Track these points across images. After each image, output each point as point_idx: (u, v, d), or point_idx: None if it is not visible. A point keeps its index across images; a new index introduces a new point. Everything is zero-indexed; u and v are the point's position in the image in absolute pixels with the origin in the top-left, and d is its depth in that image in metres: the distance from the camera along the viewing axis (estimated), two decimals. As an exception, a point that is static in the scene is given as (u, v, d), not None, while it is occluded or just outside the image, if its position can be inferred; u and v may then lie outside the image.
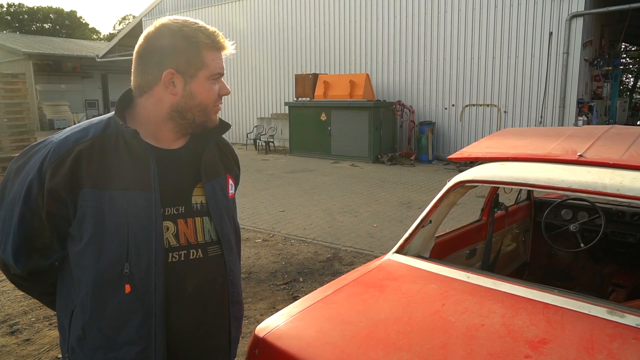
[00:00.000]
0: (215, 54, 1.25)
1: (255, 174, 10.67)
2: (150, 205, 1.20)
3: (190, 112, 1.26)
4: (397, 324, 1.62)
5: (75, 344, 1.25)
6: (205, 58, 1.23)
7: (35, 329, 3.52)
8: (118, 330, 1.21)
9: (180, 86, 1.23)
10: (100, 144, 1.20)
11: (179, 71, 1.21)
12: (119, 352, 1.21)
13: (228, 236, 1.38)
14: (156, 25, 1.22)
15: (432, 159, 12.51)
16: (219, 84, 1.28)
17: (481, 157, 2.51)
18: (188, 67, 1.21)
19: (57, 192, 1.16)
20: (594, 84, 13.13)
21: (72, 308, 1.25)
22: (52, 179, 1.15)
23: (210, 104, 1.28)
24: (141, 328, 1.20)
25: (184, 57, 1.21)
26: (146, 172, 1.21)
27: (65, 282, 1.27)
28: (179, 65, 1.21)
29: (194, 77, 1.23)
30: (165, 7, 19.45)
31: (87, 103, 26.92)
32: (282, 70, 16.08)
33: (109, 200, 1.18)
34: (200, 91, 1.25)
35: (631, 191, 1.75)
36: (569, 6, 10.84)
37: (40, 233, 1.21)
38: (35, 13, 43.46)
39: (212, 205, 1.33)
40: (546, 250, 3.71)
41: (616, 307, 1.61)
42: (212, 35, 1.24)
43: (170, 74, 1.21)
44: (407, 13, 13.16)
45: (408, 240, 2.23)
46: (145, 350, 1.21)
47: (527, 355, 1.40)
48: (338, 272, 4.64)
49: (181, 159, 1.31)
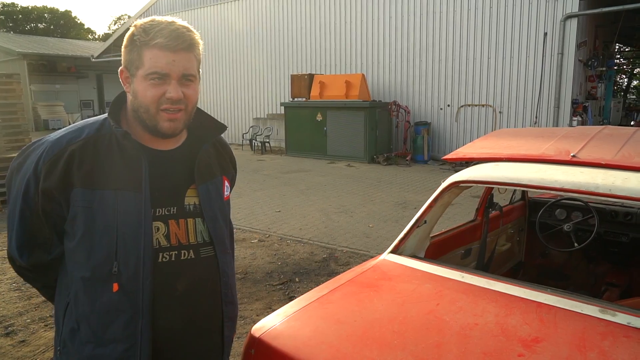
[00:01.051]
0: (154, 53, 1.17)
1: (251, 174, 10.67)
2: (139, 205, 1.22)
3: (139, 112, 1.24)
4: (392, 323, 1.64)
5: (67, 337, 1.27)
6: (144, 57, 1.19)
7: (31, 330, 3.51)
8: (105, 327, 1.23)
9: (130, 84, 1.24)
10: (94, 144, 1.22)
11: (128, 69, 1.23)
12: (106, 349, 1.23)
13: (222, 238, 1.39)
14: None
15: (427, 159, 12.54)
16: (166, 86, 1.20)
17: (476, 158, 2.52)
18: (131, 65, 1.22)
19: (51, 192, 1.19)
20: (589, 84, 13.20)
21: (67, 301, 1.27)
22: (46, 179, 1.18)
23: (150, 105, 1.21)
24: (128, 326, 1.22)
25: (129, 55, 1.22)
26: (138, 172, 1.23)
27: (63, 276, 1.30)
28: (127, 64, 1.23)
29: (134, 76, 1.22)
30: (160, 7, 19.41)
31: (82, 103, 26.81)
32: (278, 71, 16.07)
33: (99, 199, 1.20)
34: (139, 90, 1.22)
35: (623, 191, 1.77)
36: (564, 7, 10.90)
37: (39, 229, 1.24)
38: (30, 13, 43.23)
39: (206, 207, 1.34)
40: (540, 249, 3.74)
41: (608, 306, 1.63)
42: (155, 34, 1.17)
43: (122, 72, 1.24)
44: (402, 14, 13.19)
45: (403, 241, 2.25)
46: (131, 349, 1.23)
47: (520, 354, 1.42)
48: (334, 272, 4.65)
49: (175, 160, 1.32)
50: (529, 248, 3.79)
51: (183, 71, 1.21)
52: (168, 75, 1.19)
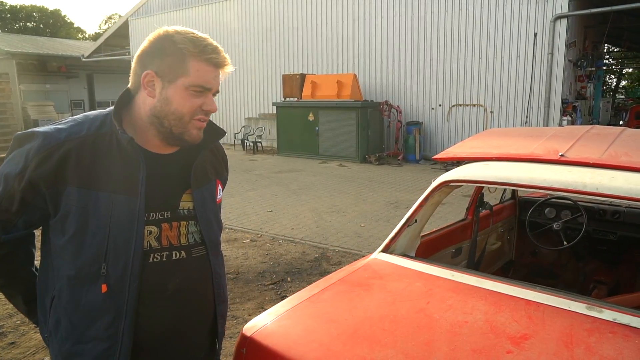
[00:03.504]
0: (202, 66, 1.21)
1: (243, 174, 10.65)
2: (134, 210, 1.21)
3: (166, 119, 1.23)
4: (383, 321, 1.65)
5: (52, 329, 1.28)
6: (189, 67, 1.20)
7: (21, 332, 3.49)
8: (87, 325, 1.23)
9: (158, 89, 1.22)
10: (92, 142, 1.20)
11: (159, 74, 1.21)
12: (86, 346, 1.23)
13: (215, 242, 1.41)
14: (159, 31, 1.23)
15: (419, 159, 12.59)
16: (204, 98, 1.24)
17: (466, 157, 2.54)
18: (169, 71, 1.20)
19: (37, 184, 1.17)
20: (578, 84, 13.34)
21: (53, 294, 1.27)
22: (36, 169, 1.16)
23: (186, 114, 1.23)
24: (110, 326, 1.22)
25: (166, 61, 1.20)
26: (135, 176, 1.22)
27: (48, 269, 1.29)
28: (160, 67, 1.20)
29: (172, 83, 1.21)
30: (151, 7, 19.29)
31: (72, 103, 26.59)
32: (270, 71, 16.06)
33: (94, 201, 1.19)
34: (175, 98, 1.22)
35: (609, 190, 1.80)
36: (553, 8, 11.00)
37: (5, 210, 1.21)
38: (18, 11, 42.77)
39: (200, 212, 1.35)
40: (530, 248, 3.77)
41: (594, 303, 1.66)
42: (204, 47, 1.21)
43: (149, 75, 1.21)
44: (394, 14, 13.24)
45: (394, 240, 2.26)
46: (111, 348, 1.23)
47: (509, 351, 1.44)
48: (326, 271, 4.66)
49: (172, 164, 1.32)
50: (519, 247, 3.82)
51: (218, 87, 1.27)
52: (209, 89, 1.24)
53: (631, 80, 37.28)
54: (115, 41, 22.21)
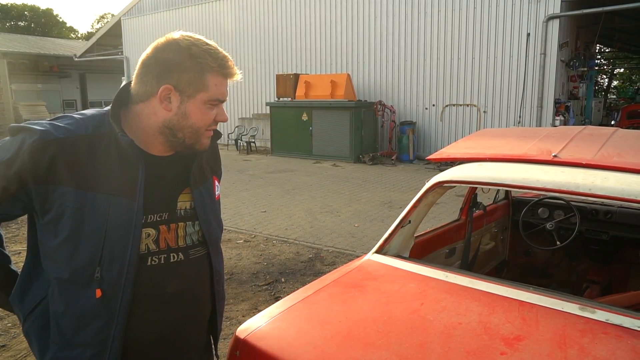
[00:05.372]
0: (219, 80, 1.22)
1: (237, 174, 10.63)
2: (131, 213, 1.19)
3: (181, 131, 1.23)
4: (377, 323, 1.64)
5: (37, 332, 1.25)
6: (208, 81, 1.19)
7: (12, 335, 3.45)
8: (76, 332, 1.20)
9: (176, 104, 1.20)
10: (90, 142, 1.17)
11: (178, 88, 1.19)
12: (72, 352, 1.21)
13: (215, 240, 1.40)
14: (167, 38, 1.20)
15: (413, 159, 12.62)
16: (217, 110, 1.26)
17: (459, 158, 2.55)
18: (188, 86, 1.19)
19: (25, 178, 1.13)
20: (571, 84, 13.42)
21: (42, 296, 1.24)
22: (26, 162, 1.12)
23: (202, 127, 1.25)
24: (101, 332, 1.20)
25: (186, 76, 1.18)
26: (134, 178, 1.20)
27: (34, 268, 1.26)
28: (179, 82, 1.18)
29: (191, 98, 1.20)
30: (144, 6, 19.20)
31: (65, 103, 26.43)
32: (263, 70, 16.03)
33: (92, 202, 1.16)
34: (194, 113, 1.22)
35: (602, 190, 1.81)
36: (546, 8, 11.06)
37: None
38: (10, 10, 42.40)
39: (200, 211, 1.34)
40: (524, 248, 3.79)
41: (587, 304, 1.67)
42: (221, 60, 1.21)
43: (167, 89, 1.18)
44: (387, 14, 13.25)
45: (387, 241, 2.26)
46: (100, 354, 1.21)
47: (502, 352, 1.44)
48: (320, 272, 4.65)
49: (169, 166, 1.31)
50: (512, 247, 3.83)
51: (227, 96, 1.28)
52: (224, 101, 1.26)
53: (622, 80, 37.61)
54: (108, 41, 22.09)
